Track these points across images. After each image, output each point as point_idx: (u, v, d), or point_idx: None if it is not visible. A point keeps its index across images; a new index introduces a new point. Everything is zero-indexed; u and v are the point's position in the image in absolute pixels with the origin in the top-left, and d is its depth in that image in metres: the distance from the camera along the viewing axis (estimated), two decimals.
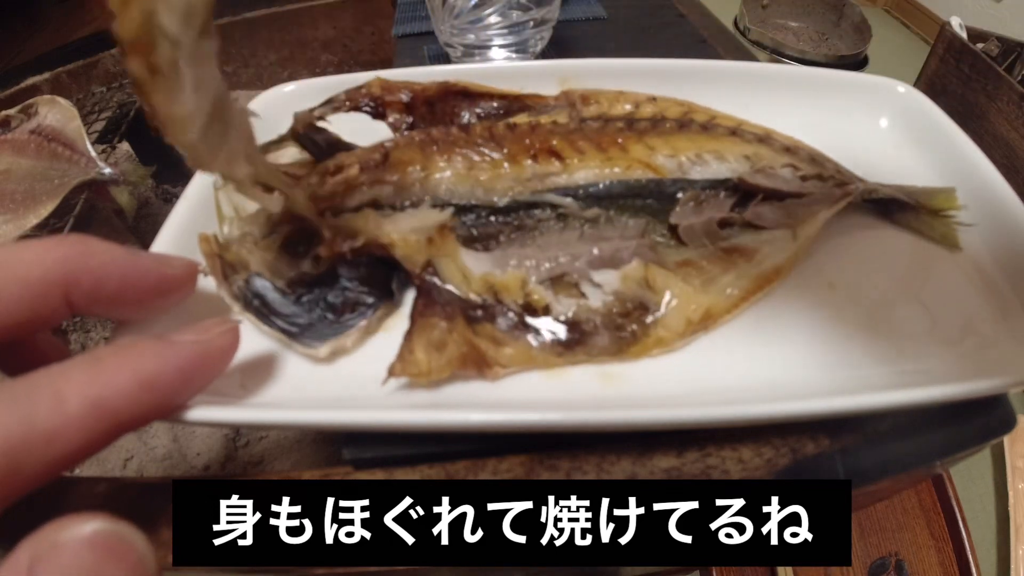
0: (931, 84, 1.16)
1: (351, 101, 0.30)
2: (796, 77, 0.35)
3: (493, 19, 0.42)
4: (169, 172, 0.60)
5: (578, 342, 0.23)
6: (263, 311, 0.24)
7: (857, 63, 1.35)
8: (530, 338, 0.23)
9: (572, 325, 0.24)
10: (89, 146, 0.47)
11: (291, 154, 0.29)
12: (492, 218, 0.26)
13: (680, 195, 0.27)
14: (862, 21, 1.43)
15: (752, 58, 0.48)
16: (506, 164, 0.26)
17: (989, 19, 1.62)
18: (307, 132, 0.29)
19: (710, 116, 0.31)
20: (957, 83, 1.09)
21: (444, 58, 0.48)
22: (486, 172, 0.26)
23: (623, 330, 0.24)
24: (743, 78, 0.35)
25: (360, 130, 0.31)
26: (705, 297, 0.24)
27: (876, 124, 0.34)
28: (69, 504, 0.23)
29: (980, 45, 1.09)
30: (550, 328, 0.24)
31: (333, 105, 0.30)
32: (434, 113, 0.31)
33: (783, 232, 0.26)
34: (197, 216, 0.28)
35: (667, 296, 0.24)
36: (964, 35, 1.10)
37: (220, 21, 0.75)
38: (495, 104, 0.31)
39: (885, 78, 0.35)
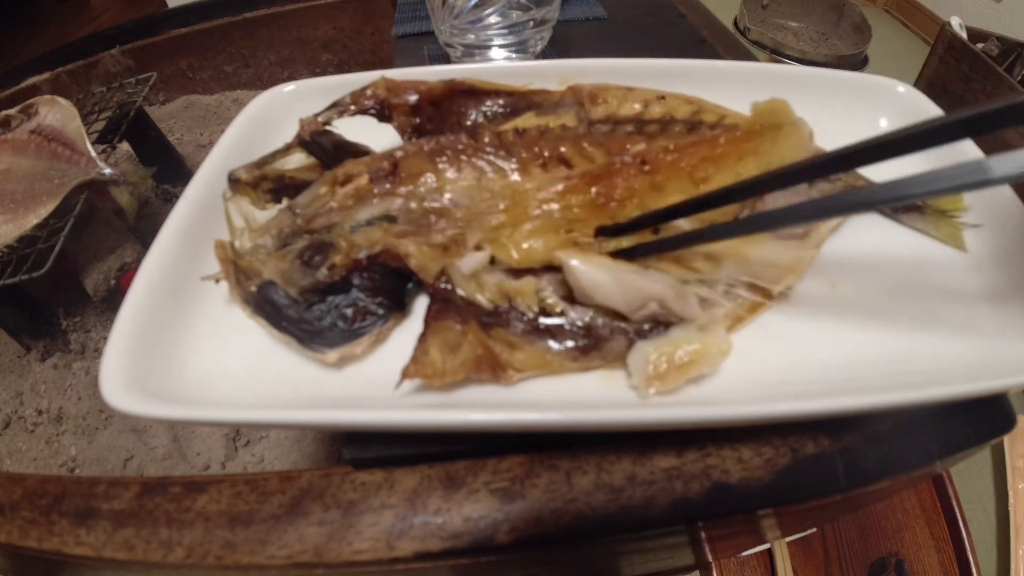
0: (931, 84, 1.16)
1: (356, 104, 0.30)
2: (796, 77, 0.35)
3: (493, 19, 0.42)
4: (169, 172, 0.61)
5: (594, 347, 0.23)
6: (274, 316, 0.24)
7: (857, 63, 1.35)
8: (545, 343, 0.23)
9: (588, 330, 0.23)
10: (89, 146, 0.47)
11: (298, 159, 0.29)
12: None
13: None
14: (862, 21, 1.43)
15: (752, 58, 0.48)
16: (516, 175, 0.26)
17: (989, 19, 1.62)
18: (313, 137, 0.29)
19: (719, 116, 0.30)
20: (957, 83, 1.09)
21: (444, 58, 0.48)
22: (496, 184, 0.26)
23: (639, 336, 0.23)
24: (743, 78, 0.35)
25: (365, 129, 0.31)
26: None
27: (876, 124, 0.34)
28: (70, 503, 0.23)
29: (980, 45, 1.09)
30: (566, 333, 0.23)
31: (338, 109, 0.30)
32: (440, 113, 0.31)
33: (792, 241, 0.26)
34: (198, 216, 0.28)
35: None
36: (964, 35, 1.10)
37: (220, 21, 0.76)
38: (502, 102, 0.31)
39: (885, 78, 0.35)
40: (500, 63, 0.43)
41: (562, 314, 0.24)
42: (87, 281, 0.50)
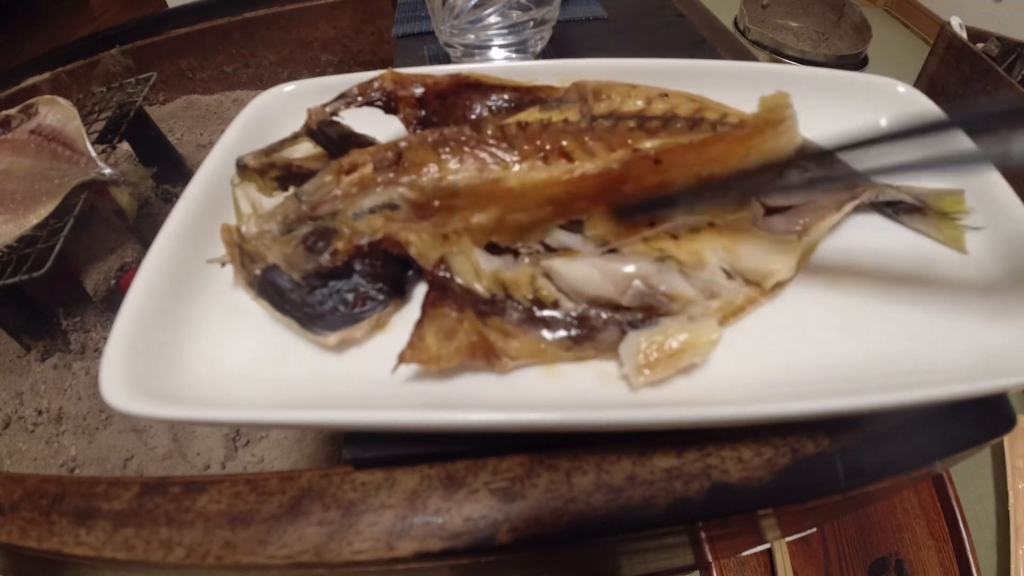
0: (931, 84, 1.16)
1: (363, 96, 0.30)
2: (796, 77, 0.35)
3: (493, 19, 0.42)
4: (169, 172, 0.61)
5: (587, 337, 0.23)
6: (277, 299, 0.25)
7: (857, 63, 1.35)
8: (540, 332, 0.24)
9: (582, 320, 0.24)
10: (89, 146, 0.47)
11: (305, 148, 0.30)
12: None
13: None
14: (862, 21, 1.43)
15: (752, 58, 0.48)
16: (517, 167, 0.26)
17: (989, 19, 1.62)
18: (320, 127, 0.29)
19: (722, 113, 0.30)
20: (957, 83, 1.09)
21: (444, 58, 0.48)
22: (497, 175, 0.26)
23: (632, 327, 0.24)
24: (743, 78, 0.35)
25: (371, 121, 0.31)
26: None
27: (876, 124, 0.34)
28: (70, 503, 0.23)
29: (980, 45, 1.09)
30: (560, 323, 0.24)
31: (345, 100, 0.30)
32: (445, 106, 0.31)
33: (790, 237, 0.26)
34: (198, 216, 0.28)
35: None
36: (964, 35, 1.10)
37: (220, 21, 0.75)
38: (506, 96, 0.31)
39: (885, 78, 0.35)
40: (500, 63, 0.43)
41: (556, 304, 0.24)
42: (87, 281, 0.50)
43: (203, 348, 0.25)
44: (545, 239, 0.26)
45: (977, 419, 0.23)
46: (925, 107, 0.32)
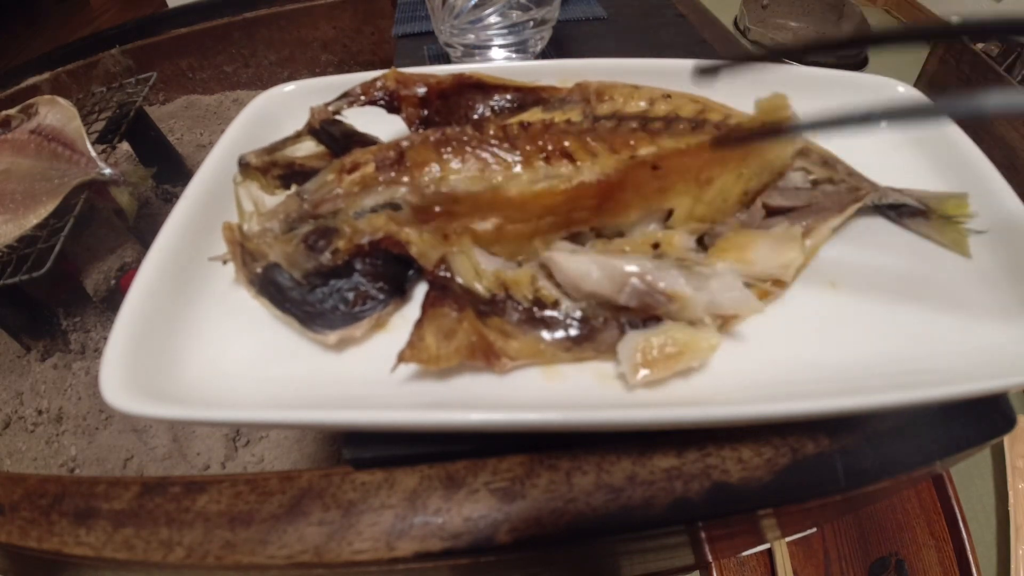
0: (931, 84, 1.16)
1: (366, 95, 0.30)
2: (796, 77, 0.35)
3: (493, 19, 0.42)
4: (169, 172, 0.61)
5: (587, 338, 0.23)
6: (277, 297, 0.25)
7: (857, 63, 1.35)
8: (539, 332, 0.24)
9: (582, 321, 0.24)
10: (89, 146, 0.47)
11: (307, 147, 0.30)
12: None
13: None
14: (862, 21, 1.43)
15: None
16: (519, 167, 0.26)
17: None
18: (323, 125, 0.29)
19: (725, 115, 0.30)
20: (957, 83, 1.09)
21: (444, 58, 0.48)
22: (499, 175, 0.26)
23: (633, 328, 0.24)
24: (743, 78, 0.34)
25: (374, 120, 0.31)
26: None
27: (876, 124, 0.34)
28: (70, 503, 0.23)
29: (980, 45, 1.09)
30: (560, 323, 0.24)
31: (348, 99, 0.30)
32: (448, 106, 0.31)
33: (793, 231, 0.26)
34: (198, 216, 0.28)
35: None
36: None
37: (220, 21, 0.75)
38: (509, 97, 0.31)
39: (885, 78, 0.35)
40: (500, 63, 0.43)
41: (556, 305, 0.24)
42: (87, 281, 0.50)
43: (203, 348, 0.25)
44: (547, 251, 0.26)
45: (977, 419, 0.23)
46: None
